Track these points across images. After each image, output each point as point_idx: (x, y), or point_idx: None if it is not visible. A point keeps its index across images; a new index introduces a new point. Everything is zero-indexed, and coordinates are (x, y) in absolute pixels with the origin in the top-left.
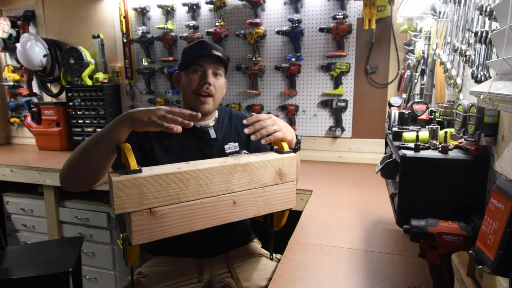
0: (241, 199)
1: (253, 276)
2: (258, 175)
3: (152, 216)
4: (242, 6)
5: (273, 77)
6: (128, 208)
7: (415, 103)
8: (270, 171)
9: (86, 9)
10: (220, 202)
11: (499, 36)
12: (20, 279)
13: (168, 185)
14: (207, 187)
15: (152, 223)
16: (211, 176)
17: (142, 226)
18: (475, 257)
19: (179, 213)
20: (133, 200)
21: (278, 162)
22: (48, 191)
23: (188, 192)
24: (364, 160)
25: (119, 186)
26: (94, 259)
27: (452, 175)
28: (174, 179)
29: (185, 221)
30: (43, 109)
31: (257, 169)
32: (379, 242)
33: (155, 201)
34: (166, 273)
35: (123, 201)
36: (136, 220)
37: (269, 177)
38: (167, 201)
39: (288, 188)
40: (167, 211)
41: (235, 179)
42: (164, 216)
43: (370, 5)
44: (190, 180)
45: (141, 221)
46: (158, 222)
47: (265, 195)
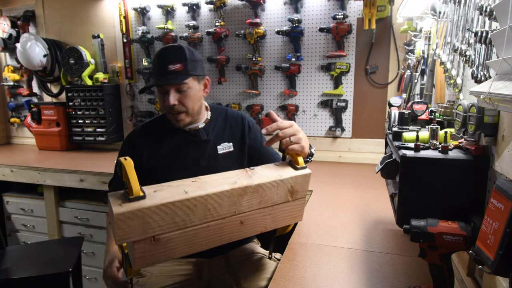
0: (249, 219)
1: (253, 277)
2: (269, 195)
3: (156, 243)
4: (242, 6)
5: (273, 77)
6: (130, 238)
7: (415, 103)
8: (282, 190)
9: (86, 9)
10: (227, 223)
11: (499, 36)
12: (20, 279)
13: (174, 213)
14: (215, 211)
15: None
16: (220, 200)
17: (145, 252)
18: (475, 257)
19: (184, 237)
20: (136, 230)
21: (292, 180)
22: (48, 191)
23: (195, 217)
24: (364, 160)
25: (121, 218)
26: (94, 259)
27: (452, 175)
28: (181, 206)
29: (189, 244)
30: (43, 109)
31: (269, 189)
32: (379, 242)
33: (159, 229)
34: (165, 273)
35: (125, 233)
36: (138, 248)
37: (280, 195)
38: (172, 228)
39: (298, 204)
40: (172, 236)
41: (245, 200)
42: (168, 242)
43: (370, 5)
44: (198, 206)
45: (144, 248)
46: (162, 247)
47: (273, 213)
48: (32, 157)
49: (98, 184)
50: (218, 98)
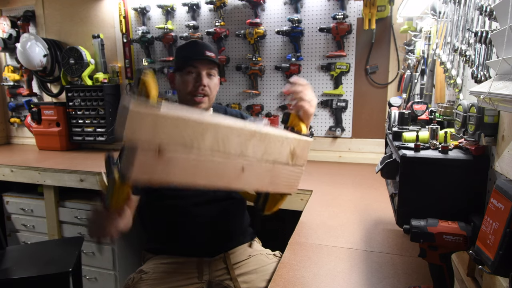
0: (250, 169)
1: (252, 278)
2: (274, 148)
3: (159, 157)
4: (242, 6)
5: (273, 77)
6: (137, 140)
7: (415, 103)
8: (285, 148)
9: (86, 9)
10: (230, 163)
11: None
12: (20, 279)
13: (185, 130)
14: (222, 144)
15: (156, 164)
16: (230, 135)
17: (145, 164)
18: (475, 257)
19: (187, 162)
20: (145, 134)
21: (295, 142)
22: (48, 191)
23: (203, 143)
24: (364, 160)
25: (134, 116)
26: (94, 259)
27: (452, 175)
28: (193, 125)
29: (190, 172)
30: (43, 109)
31: (274, 143)
32: (379, 242)
33: (167, 142)
34: (166, 272)
35: (134, 133)
36: (141, 156)
37: (283, 154)
38: (178, 146)
39: (295, 172)
40: (176, 156)
41: (250, 145)
42: (170, 161)
43: (370, 5)
44: (208, 132)
45: (145, 159)
46: (163, 165)
47: (273, 172)
48: (32, 157)
49: (98, 184)
50: (218, 98)
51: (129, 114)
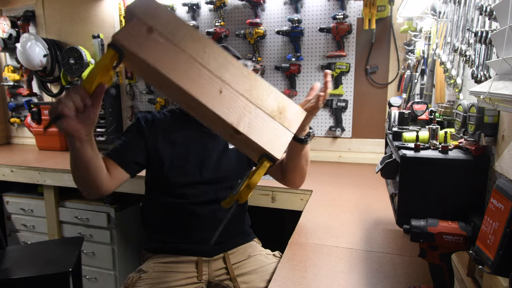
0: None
1: (251, 278)
2: (259, 92)
3: (147, 34)
4: (242, 6)
5: (273, 77)
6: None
7: (415, 103)
8: (272, 100)
9: (86, 9)
10: (208, 78)
11: (499, 36)
12: (20, 279)
13: (179, 28)
14: (207, 57)
15: (141, 37)
16: (218, 54)
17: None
18: (475, 257)
19: (168, 51)
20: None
21: (285, 101)
22: (48, 191)
23: (190, 46)
24: (364, 160)
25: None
26: (94, 259)
27: (452, 175)
28: (188, 29)
29: (167, 60)
30: (43, 109)
31: (261, 86)
32: (379, 242)
33: (160, 25)
34: (166, 271)
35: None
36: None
37: (268, 104)
38: (168, 36)
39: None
40: (161, 41)
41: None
42: (155, 42)
43: (370, 5)
44: (199, 41)
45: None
46: (146, 41)
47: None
48: (32, 157)
49: None
50: None
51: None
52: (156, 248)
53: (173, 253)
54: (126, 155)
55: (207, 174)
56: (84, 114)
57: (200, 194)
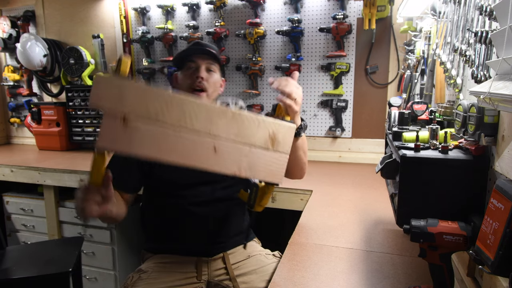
0: (223, 149)
1: (251, 278)
2: (248, 129)
3: (124, 125)
4: (242, 6)
5: (273, 77)
6: (103, 104)
7: (415, 103)
8: (262, 131)
9: (86, 9)
10: (199, 141)
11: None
12: (20, 279)
13: (151, 100)
14: (189, 119)
15: (121, 133)
16: (198, 110)
17: (111, 131)
18: (475, 257)
19: (152, 134)
20: (110, 99)
21: (274, 126)
22: (48, 191)
23: (169, 116)
24: (364, 160)
25: (100, 81)
26: (94, 259)
27: (452, 175)
28: (158, 96)
29: (155, 145)
30: (43, 109)
31: (249, 122)
32: (379, 242)
33: (131, 110)
34: (165, 271)
35: (99, 96)
36: (107, 123)
37: (260, 137)
38: (144, 115)
39: (278, 159)
40: (141, 126)
41: (222, 123)
42: (135, 130)
43: (370, 5)
44: (175, 105)
45: (111, 126)
46: (128, 134)
47: (250, 156)
48: (32, 157)
49: None
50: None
51: (95, 80)
52: (155, 248)
53: (173, 253)
54: (126, 181)
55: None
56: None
57: (198, 194)
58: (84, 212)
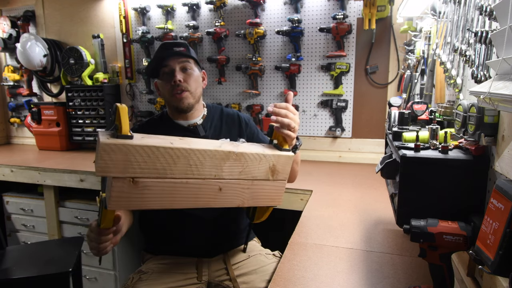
0: (228, 187)
1: (251, 278)
2: (251, 167)
3: (134, 186)
4: (242, 6)
5: (273, 77)
6: (110, 172)
7: (415, 103)
8: (263, 165)
9: (86, 9)
10: (206, 185)
11: (499, 36)
12: (20, 279)
13: (157, 158)
14: (196, 169)
15: (132, 192)
16: (203, 159)
17: (122, 193)
18: (475, 257)
19: (162, 188)
20: (117, 166)
21: (274, 158)
22: (48, 191)
23: (176, 170)
24: (364, 160)
25: (105, 149)
26: (94, 259)
27: (452, 175)
28: (164, 153)
29: (166, 197)
30: (43, 109)
31: (251, 161)
32: (379, 242)
33: (140, 172)
34: (166, 272)
35: (106, 165)
36: (116, 186)
37: (262, 171)
38: (152, 174)
39: (277, 186)
40: (150, 183)
41: (226, 166)
42: (146, 188)
43: (370, 5)
44: (181, 158)
45: (122, 188)
46: (139, 192)
47: (252, 188)
48: (32, 157)
49: (98, 184)
50: (218, 98)
51: (100, 147)
52: (155, 249)
53: (173, 254)
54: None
55: None
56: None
57: None
58: (99, 252)
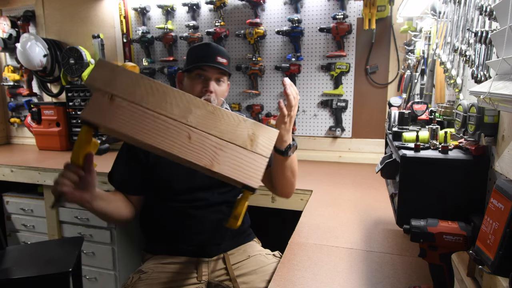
0: (198, 138)
1: (251, 279)
2: (227, 125)
3: (110, 102)
4: (242, 6)
5: (273, 77)
6: (95, 82)
7: (415, 103)
8: (241, 130)
9: (86, 9)
10: (175, 127)
11: (499, 36)
12: (20, 279)
13: (138, 85)
14: (170, 106)
15: (106, 108)
16: (180, 100)
17: (98, 105)
18: (475, 257)
19: (133, 114)
20: (103, 79)
21: (255, 126)
22: (48, 191)
23: (152, 101)
24: (364, 160)
25: (99, 63)
26: (94, 259)
27: (452, 175)
28: (146, 83)
29: (134, 124)
30: (43, 109)
31: (228, 118)
32: (379, 242)
33: (119, 91)
34: (165, 272)
35: (95, 76)
36: (95, 97)
37: (238, 135)
38: (129, 97)
39: (255, 160)
40: (125, 105)
41: (200, 114)
42: (119, 108)
43: (370, 5)
44: (160, 92)
45: (99, 101)
46: (112, 110)
47: (226, 151)
48: (32, 157)
49: (98, 184)
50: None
51: (97, 63)
52: (155, 249)
53: (173, 254)
54: (130, 183)
55: (201, 180)
56: (82, 183)
57: (197, 199)
58: (56, 185)
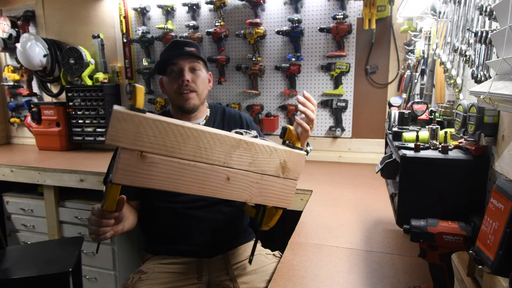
0: (236, 178)
1: (251, 279)
2: (261, 159)
3: (141, 160)
4: (242, 6)
5: (273, 77)
6: (119, 142)
7: (415, 103)
8: (274, 160)
9: (86, 9)
10: (213, 172)
11: (499, 36)
12: (20, 279)
13: (167, 135)
14: (205, 152)
15: (138, 167)
16: (213, 143)
17: (129, 166)
18: (475, 257)
19: (169, 168)
20: (127, 136)
21: (286, 154)
22: (48, 191)
23: (185, 150)
24: (364, 160)
25: (118, 117)
26: (94, 259)
27: (452, 175)
28: (175, 130)
29: (172, 177)
30: (43, 109)
31: (261, 152)
32: (379, 242)
33: (149, 146)
34: (166, 272)
35: (117, 134)
36: (124, 158)
37: (272, 166)
38: (161, 150)
39: (288, 186)
40: (158, 160)
41: (235, 154)
42: (153, 165)
43: (370, 5)
44: (191, 138)
45: (129, 161)
46: (145, 168)
47: (261, 183)
48: (32, 157)
49: (98, 184)
50: (218, 98)
51: (113, 115)
52: (155, 249)
53: (173, 254)
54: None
55: None
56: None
57: (197, 199)
58: (98, 236)
